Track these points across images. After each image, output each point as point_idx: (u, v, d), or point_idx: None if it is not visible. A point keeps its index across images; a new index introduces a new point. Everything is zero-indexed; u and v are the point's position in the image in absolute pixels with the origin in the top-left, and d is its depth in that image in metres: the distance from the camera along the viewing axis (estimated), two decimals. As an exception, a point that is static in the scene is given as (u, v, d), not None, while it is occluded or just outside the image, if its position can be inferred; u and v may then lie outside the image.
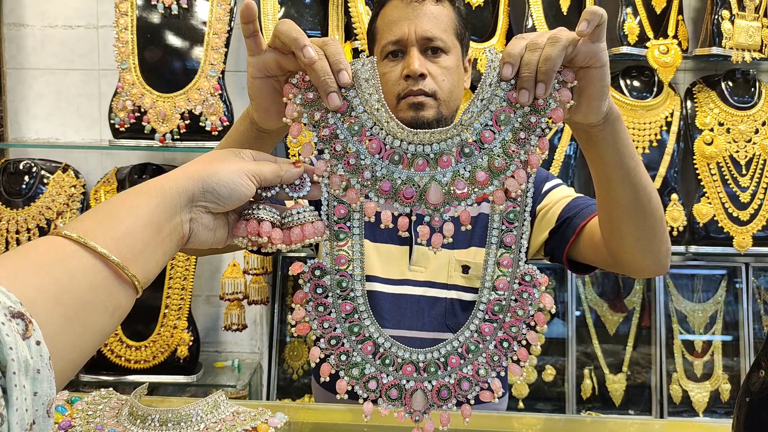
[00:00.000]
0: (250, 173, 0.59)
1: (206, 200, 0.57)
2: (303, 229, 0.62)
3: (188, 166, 0.58)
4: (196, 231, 0.57)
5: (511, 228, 0.68)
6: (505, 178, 0.65)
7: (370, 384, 0.68)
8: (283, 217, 0.63)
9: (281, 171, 0.62)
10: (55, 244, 0.47)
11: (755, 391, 0.67)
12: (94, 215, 0.51)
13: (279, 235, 0.62)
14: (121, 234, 0.50)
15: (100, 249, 0.47)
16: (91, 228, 0.48)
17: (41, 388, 0.38)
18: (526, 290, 0.68)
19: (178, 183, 0.55)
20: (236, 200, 0.58)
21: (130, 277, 0.49)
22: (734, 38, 1.80)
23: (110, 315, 0.48)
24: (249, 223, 0.61)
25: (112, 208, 0.52)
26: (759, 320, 1.98)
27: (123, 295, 0.49)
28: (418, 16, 1.02)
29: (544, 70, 0.62)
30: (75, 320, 0.44)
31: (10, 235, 1.75)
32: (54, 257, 0.46)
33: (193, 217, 0.57)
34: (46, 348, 0.39)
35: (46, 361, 0.39)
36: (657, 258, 0.89)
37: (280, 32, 0.63)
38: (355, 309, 0.69)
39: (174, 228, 0.55)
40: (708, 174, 1.87)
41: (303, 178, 0.64)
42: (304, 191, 0.64)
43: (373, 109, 0.64)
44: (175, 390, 1.79)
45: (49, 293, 0.43)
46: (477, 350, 0.69)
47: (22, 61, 1.92)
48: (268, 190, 0.62)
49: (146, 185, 0.55)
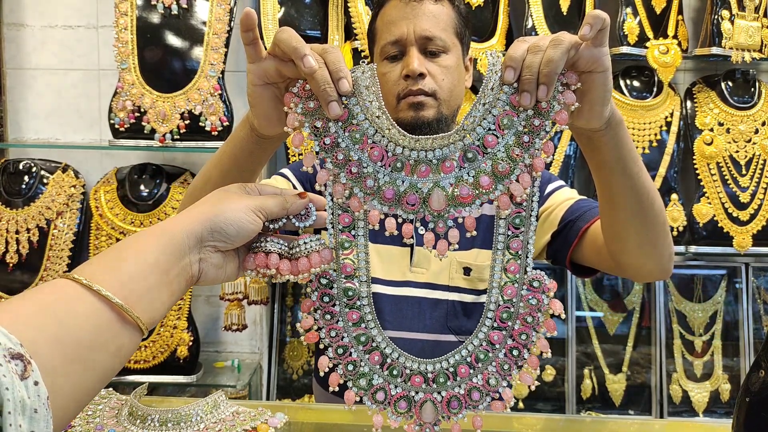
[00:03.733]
0: (256, 209, 0.60)
1: (215, 240, 0.58)
2: (310, 258, 0.63)
3: (196, 207, 0.59)
4: (205, 270, 0.58)
5: (518, 233, 0.67)
6: (509, 182, 0.64)
7: (378, 395, 0.67)
8: (291, 247, 0.64)
9: (287, 203, 0.63)
10: (61, 287, 0.48)
11: (755, 391, 0.67)
12: (102, 258, 0.52)
13: (287, 266, 0.63)
14: (127, 277, 0.51)
15: (104, 292, 0.49)
16: (98, 271, 0.50)
17: (38, 427, 0.39)
18: (535, 296, 0.67)
19: (186, 225, 0.56)
20: (244, 237, 0.60)
21: (134, 318, 0.50)
22: (734, 38, 1.80)
23: (113, 356, 0.49)
24: (257, 256, 0.62)
25: (121, 252, 0.53)
26: (759, 320, 1.98)
27: (127, 336, 0.50)
28: (416, 16, 1.01)
29: (546, 73, 0.62)
30: (76, 361, 0.46)
31: (9, 235, 1.75)
32: (59, 300, 0.47)
33: (203, 258, 0.58)
34: (44, 388, 0.40)
35: (44, 401, 0.40)
36: (660, 262, 0.88)
37: (280, 41, 0.63)
38: (362, 318, 0.68)
39: (183, 269, 0.56)
40: (708, 174, 1.87)
41: (308, 207, 0.65)
42: (310, 221, 0.65)
43: (374, 116, 0.64)
44: (175, 390, 1.79)
45: (50, 334, 0.44)
46: (487, 359, 0.67)
47: (22, 61, 1.92)
48: (275, 222, 0.63)
49: (155, 228, 0.56)
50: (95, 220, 1.75)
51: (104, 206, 1.75)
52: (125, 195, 1.76)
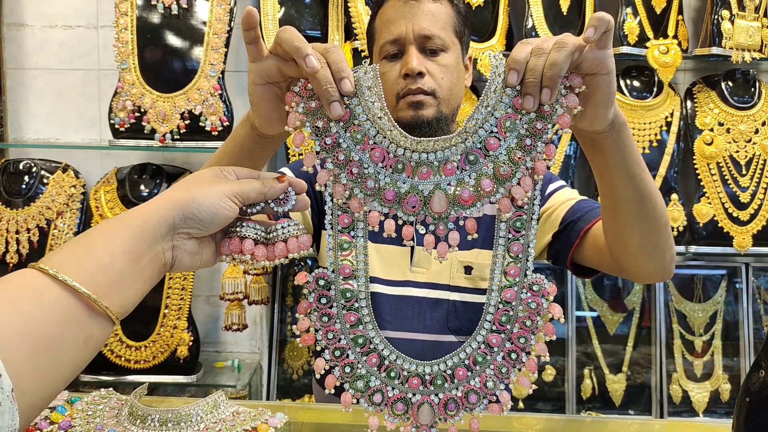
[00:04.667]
0: (232, 194, 0.59)
1: (188, 226, 0.57)
2: (287, 244, 0.62)
3: (168, 193, 0.57)
4: (179, 258, 0.57)
5: (518, 237, 0.66)
6: (510, 185, 0.64)
7: (375, 397, 0.67)
8: (269, 232, 0.63)
9: (265, 188, 0.61)
10: (28, 278, 0.47)
11: (755, 391, 0.67)
12: (71, 247, 0.51)
13: (262, 252, 0.62)
14: (95, 266, 0.50)
15: (70, 282, 0.47)
16: (66, 261, 0.49)
17: (2, 420, 0.39)
18: (534, 300, 0.67)
19: (158, 212, 0.55)
20: (219, 223, 0.58)
21: (104, 309, 0.49)
22: (734, 38, 1.80)
23: (81, 347, 0.48)
24: (231, 242, 0.61)
25: (90, 240, 0.52)
26: (759, 320, 1.98)
27: (96, 327, 0.49)
28: (415, 15, 1.01)
29: (550, 76, 0.61)
30: (43, 353, 0.45)
31: (10, 235, 1.75)
32: (25, 292, 0.46)
33: (176, 245, 0.57)
34: (8, 380, 0.40)
35: (8, 394, 0.40)
36: (661, 263, 0.88)
37: (282, 40, 0.63)
38: (360, 320, 0.68)
39: (155, 256, 0.55)
40: (708, 174, 1.87)
41: (287, 192, 0.64)
42: (289, 205, 0.64)
43: (375, 117, 0.64)
44: (175, 390, 1.79)
45: (15, 328, 0.43)
46: (484, 362, 0.67)
47: (22, 62, 1.92)
48: (252, 206, 0.62)
49: (126, 215, 0.55)
50: (95, 220, 1.75)
51: (104, 206, 1.75)
52: (125, 195, 1.76)
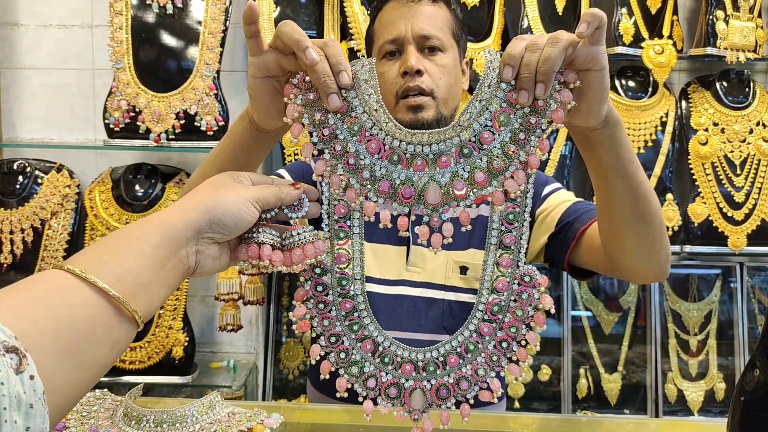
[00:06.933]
0: (253, 200, 0.59)
1: (213, 231, 0.57)
2: (304, 249, 0.63)
3: (192, 198, 0.57)
4: (202, 262, 0.58)
5: (511, 229, 0.68)
6: (504, 179, 0.65)
7: (369, 382, 0.69)
8: (284, 238, 0.64)
9: (282, 194, 0.63)
10: (57, 278, 0.47)
11: (750, 391, 0.67)
12: (98, 249, 0.51)
13: (279, 257, 0.63)
14: (123, 269, 0.49)
15: (100, 284, 0.47)
16: (93, 262, 0.48)
17: (34, 422, 0.38)
18: (526, 291, 0.69)
19: (184, 216, 0.55)
20: (242, 229, 0.59)
21: (131, 312, 0.49)
22: (729, 38, 1.81)
23: (109, 349, 0.48)
24: (249, 247, 0.62)
25: (116, 242, 0.52)
26: (753, 319, 1.98)
27: (123, 330, 0.49)
28: (414, 15, 1.02)
29: (544, 71, 0.62)
30: (72, 354, 0.44)
31: (4, 235, 1.74)
32: (54, 291, 0.46)
33: (200, 249, 0.57)
34: (40, 382, 0.39)
35: (40, 396, 0.39)
36: (657, 264, 0.89)
37: (282, 33, 0.63)
38: (355, 307, 0.69)
39: (179, 261, 0.55)
40: (703, 174, 1.88)
41: (301, 198, 0.65)
42: (303, 212, 0.65)
43: (372, 109, 0.65)
44: (171, 391, 1.78)
45: (46, 327, 0.43)
46: (476, 350, 0.69)
47: (16, 61, 1.91)
48: (267, 212, 0.63)
49: (151, 218, 0.55)
50: (90, 220, 1.74)
51: (99, 206, 1.74)
52: (120, 195, 1.76)
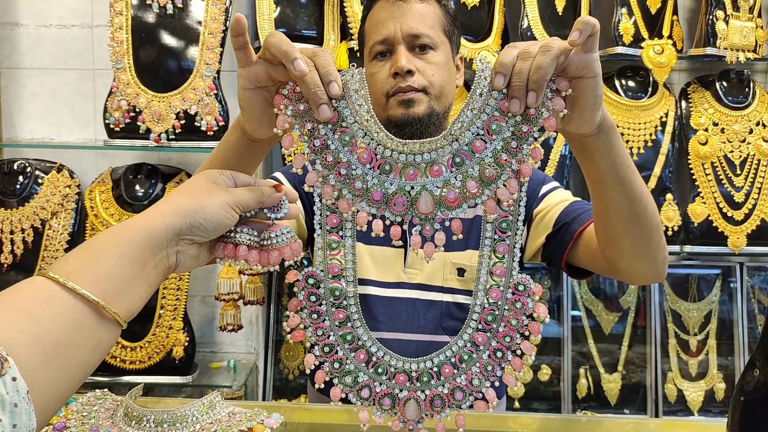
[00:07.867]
0: (234, 204, 0.60)
1: (193, 234, 0.58)
2: (281, 251, 0.64)
3: (174, 200, 0.58)
4: (182, 261, 0.59)
5: (504, 237, 0.68)
6: (496, 187, 0.65)
7: (363, 392, 0.69)
8: (262, 239, 0.64)
9: (263, 197, 0.63)
10: (39, 286, 0.49)
11: (750, 390, 0.68)
12: (79, 255, 0.53)
13: (255, 257, 0.63)
14: (103, 273, 0.51)
15: (80, 290, 0.49)
16: (74, 268, 0.51)
17: (20, 420, 0.41)
18: (520, 300, 0.68)
19: (164, 220, 0.56)
20: (221, 231, 0.60)
21: (112, 314, 0.51)
22: (728, 38, 1.81)
23: (92, 351, 0.50)
24: (226, 247, 0.63)
25: (97, 247, 0.53)
26: (753, 319, 1.98)
27: (105, 332, 0.51)
28: (403, 14, 1.02)
29: (535, 79, 0.62)
30: (55, 358, 0.47)
31: (4, 235, 1.74)
32: (36, 299, 0.48)
33: (180, 250, 0.58)
34: (23, 383, 0.42)
35: (23, 396, 0.42)
36: (654, 265, 0.88)
37: (270, 45, 0.63)
38: (348, 317, 0.70)
39: (159, 261, 0.56)
40: (702, 174, 1.88)
41: (282, 200, 0.66)
42: (282, 213, 0.66)
43: (363, 119, 0.65)
44: (171, 391, 1.79)
45: (28, 334, 0.46)
46: (470, 360, 0.69)
47: (17, 61, 1.91)
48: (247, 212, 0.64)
49: (132, 221, 0.56)
50: (90, 220, 1.75)
51: (99, 206, 1.74)
52: (120, 195, 1.76)
